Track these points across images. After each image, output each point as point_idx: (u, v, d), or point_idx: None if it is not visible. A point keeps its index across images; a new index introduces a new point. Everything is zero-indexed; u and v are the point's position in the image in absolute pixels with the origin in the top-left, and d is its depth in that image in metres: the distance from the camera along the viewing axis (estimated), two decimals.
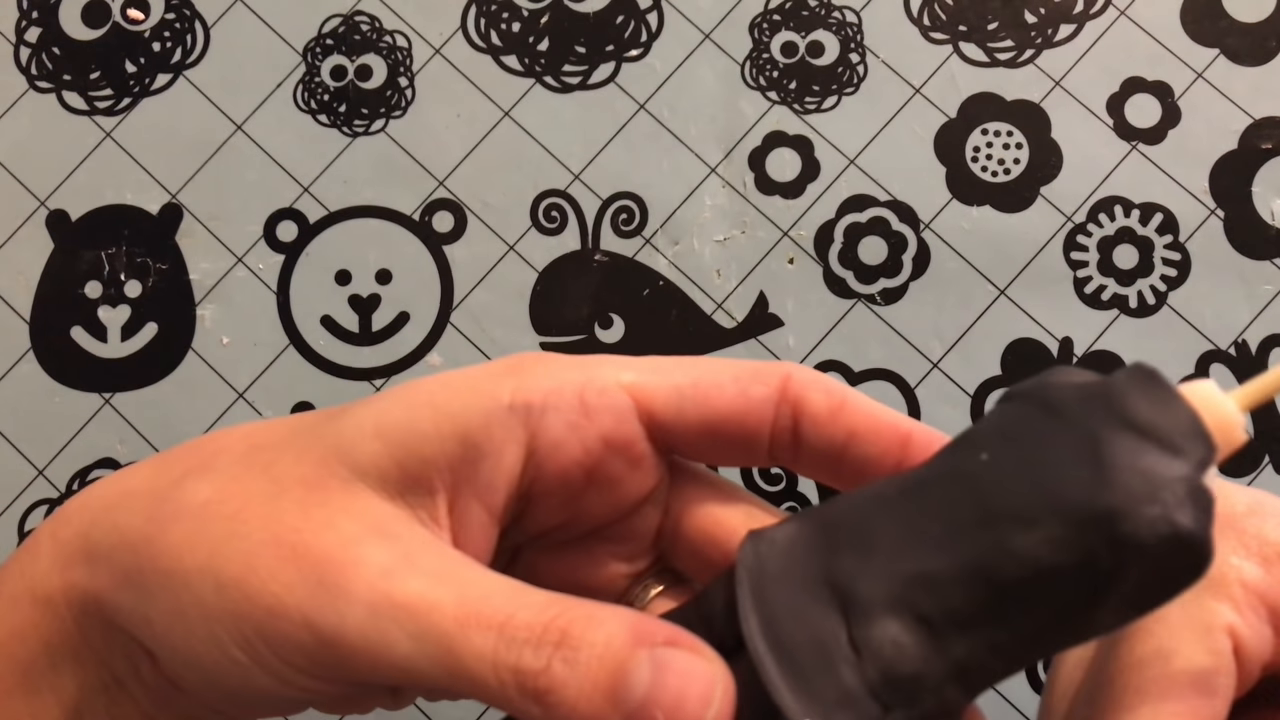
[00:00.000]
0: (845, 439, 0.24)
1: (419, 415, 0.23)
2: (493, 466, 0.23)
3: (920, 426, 0.24)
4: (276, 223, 0.47)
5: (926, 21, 0.47)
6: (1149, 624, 0.23)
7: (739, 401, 0.24)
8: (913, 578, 0.20)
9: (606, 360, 0.24)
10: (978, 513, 0.19)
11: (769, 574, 0.21)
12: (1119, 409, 0.19)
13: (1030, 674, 0.42)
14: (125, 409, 0.45)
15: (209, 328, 0.46)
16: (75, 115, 0.48)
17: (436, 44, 0.48)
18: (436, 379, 0.24)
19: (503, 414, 0.23)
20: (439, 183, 0.47)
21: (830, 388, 0.24)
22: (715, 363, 0.25)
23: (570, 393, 0.23)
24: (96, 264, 0.46)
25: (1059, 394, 0.20)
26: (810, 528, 0.22)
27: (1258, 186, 0.45)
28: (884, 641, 0.20)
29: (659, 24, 0.48)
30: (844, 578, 0.20)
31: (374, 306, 0.46)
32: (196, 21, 0.48)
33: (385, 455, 0.22)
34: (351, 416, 0.23)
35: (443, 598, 0.21)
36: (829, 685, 0.20)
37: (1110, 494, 0.18)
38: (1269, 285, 0.45)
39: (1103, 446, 0.19)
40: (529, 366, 0.24)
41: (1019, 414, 0.21)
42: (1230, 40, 0.46)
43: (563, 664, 0.20)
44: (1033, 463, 0.19)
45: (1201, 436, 0.19)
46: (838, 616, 0.20)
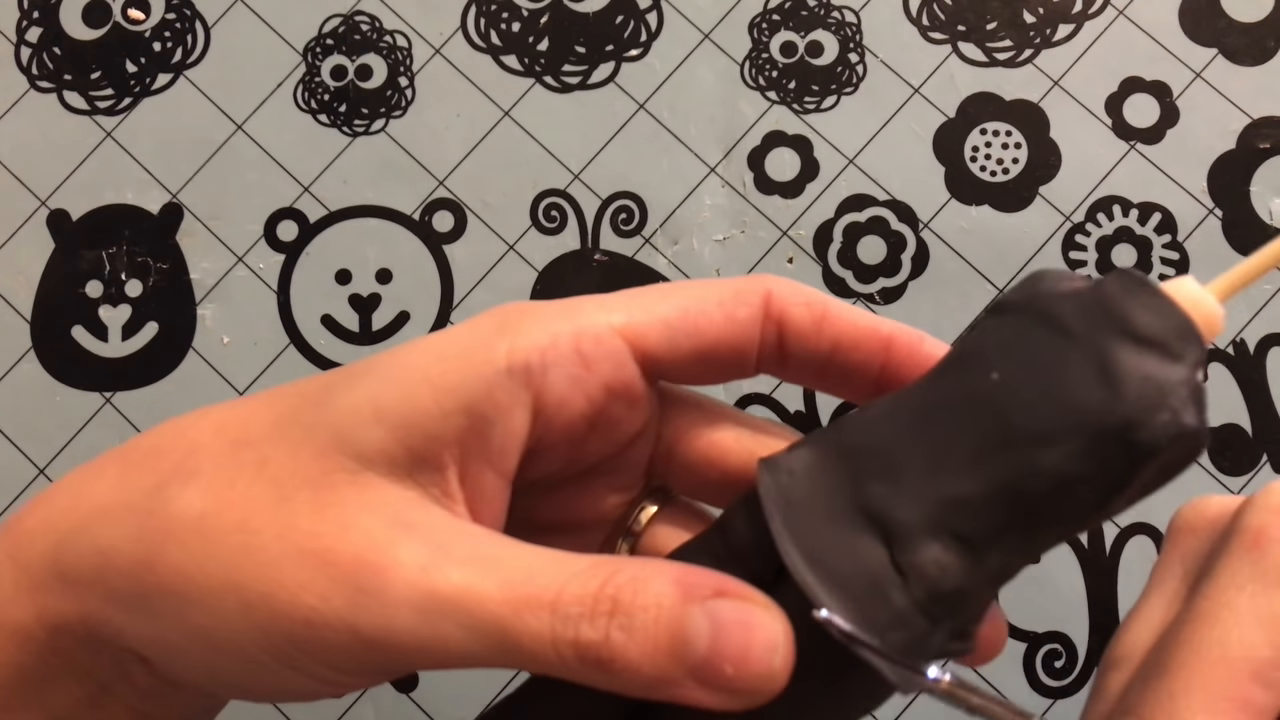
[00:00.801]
0: (829, 349, 0.24)
1: (418, 393, 0.22)
2: (501, 433, 0.22)
3: (900, 329, 0.25)
4: (277, 222, 0.47)
5: (925, 21, 0.47)
6: (1214, 610, 0.23)
7: (727, 327, 0.24)
8: (947, 501, 0.21)
9: (590, 303, 0.24)
10: (999, 434, 0.20)
11: (797, 505, 0.22)
12: (1120, 320, 0.20)
13: (1030, 674, 0.43)
14: (126, 408, 0.45)
15: (209, 327, 0.46)
16: (76, 115, 0.48)
17: (436, 44, 0.48)
18: (424, 348, 0.23)
19: (504, 379, 0.22)
20: (439, 182, 0.47)
21: (810, 299, 0.24)
22: (695, 287, 0.24)
23: (566, 346, 0.23)
24: (97, 263, 0.46)
25: (1057, 306, 0.21)
26: (827, 455, 0.22)
27: (1256, 186, 0.45)
28: (927, 563, 0.21)
29: (658, 24, 0.48)
30: (879, 506, 0.21)
31: (374, 306, 0.46)
32: (197, 21, 0.48)
33: (390, 440, 0.22)
34: (343, 400, 0.22)
35: (488, 584, 0.20)
36: (880, 609, 0.21)
37: (1124, 406, 0.20)
38: (1267, 285, 0.45)
39: (1110, 360, 0.20)
40: (516, 321, 0.23)
41: (1021, 329, 0.21)
42: (1229, 40, 0.46)
43: (620, 631, 0.20)
44: (1045, 381, 0.20)
45: (1195, 338, 0.20)
46: (878, 544, 0.21)
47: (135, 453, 0.24)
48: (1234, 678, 0.22)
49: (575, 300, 0.24)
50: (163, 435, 0.24)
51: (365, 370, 0.23)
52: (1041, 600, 0.43)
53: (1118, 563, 0.43)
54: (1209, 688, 0.22)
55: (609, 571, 0.21)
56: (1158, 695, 0.23)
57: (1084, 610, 0.43)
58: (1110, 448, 0.20)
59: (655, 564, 0.21)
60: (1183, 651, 0.23)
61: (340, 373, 0.23)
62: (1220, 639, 0.23)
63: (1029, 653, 0.43)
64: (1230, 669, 0.22)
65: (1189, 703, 0.22)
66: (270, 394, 0.24)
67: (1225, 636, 0.23)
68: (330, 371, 0.24)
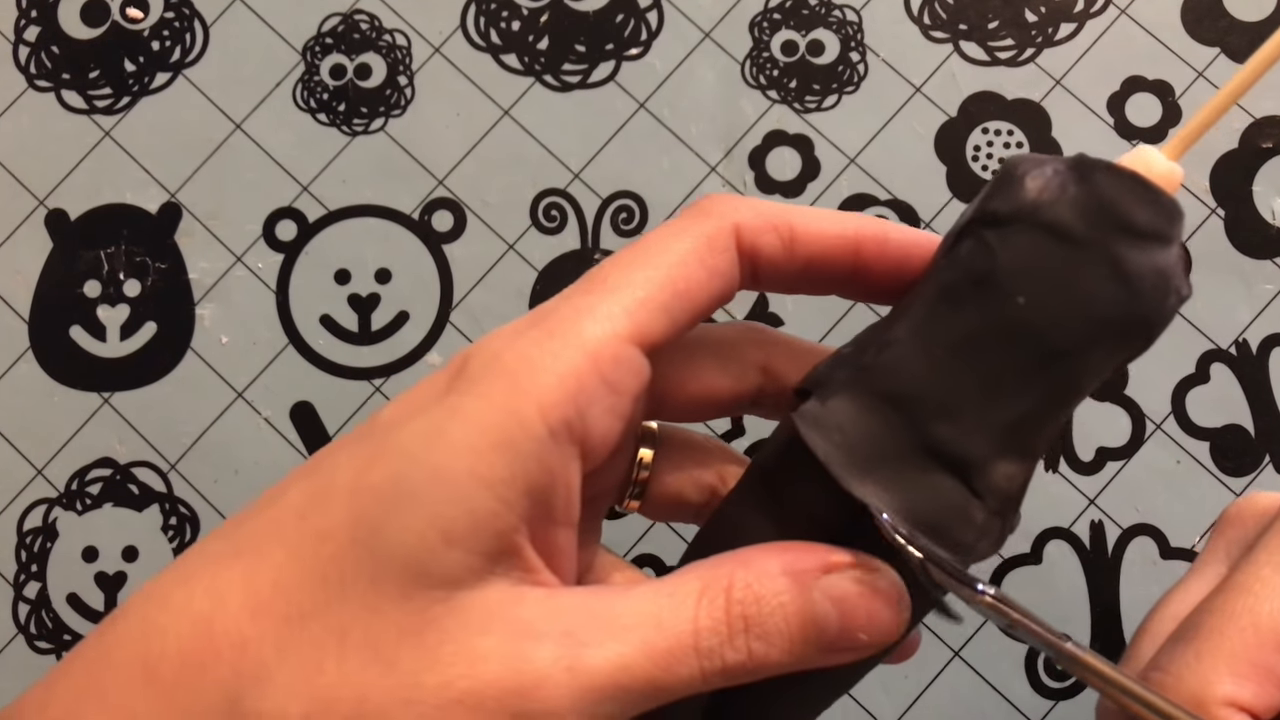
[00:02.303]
0: (802, 268, 0.24)
1: (477, 499, 0.20)
2: (562, 494, 0.21)
3: (865, 229, 0.24)
4: (276, 222, 0.46)
5: (927, 20, 0.47)
6: (1249, 581, 0.23)
7: (712, 282, 0.23)
8: (1009, 426, 0.22)
9: (585, 315, 0.22)
10: (1040, 353, 0.22)
11: (862, 459, 0.23)
12: (1121, 220, 0.22)
13: (1031, 674, 0.42)
14: (124, 408, 0.45)
15: (208, 327, 0.46)
16: (74, 114, 0.48)
17: (436, 43, 0.48)
18: (453, 442, 0.20)
19: (550, 446, 0.21)
20: (438, 182, 0.47)
21: (776, 222, 0.24)
22: (665, 249, 0.23)
23: (592, 382, 0.21)
24: (95, 263, 0.46)
25: (1059, 215, 0.22)
26: (872, 406, 0.23)
27: (1258, 185, 0.45)
28: (1000, 479, 0.23)
29: (659, 23, 0.47)
30: (948, 447, 0.22)
31: (373, 306, 0.46)
32: (195, 20, 0.48)
33: (467, 556, 0.20)
34: (400, 535, 0.20)
35: (630, 653, 0.21)
36: (966, 530, 0.23)
37: (1143, 304, 0.22)
38: (1269, 284, 0.45)
39: (1121, 262, 0.21)
40: (526, 368, 0.21)
41: (1031, 245, 0.22)
42: (1231, 39, 0.46)
43: (758, 642, 0.21)
44: (1068, 295, 0.22)
45: (1180, 216, 0.22)
46: (953, 478, 0.22)
47: (159, 669, 0.20)
48: (1261, 646, 0.23)
49: (567, 315, 0.22)
50: (179, 637, 0.20)
51: (398, 485, 0.20)
52: (1042, 601, 0.43)
53: (1120, 563, 0.43)
54: (1236, 652, 0.23)
55: (723, 588, 0.21)
56: (1185, 655, 0.23)
57: (1085, 610, 0.43)
58: (1136, 339, 0.22)
59: (755, 559, 0.22)
60: (1215, 617, 0.23)
61: (369, 498, 0.21)
62: (1252, 608, 0.23)
63: (1030, 654, 0.43)
64: (1259, 637, 0.23)
65: (1214, 663, 0.23)
66: (281, 546, 0.21)
67: (1257, 606, 0.23)
68: (348, 493, 0.21)
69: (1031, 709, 0.42)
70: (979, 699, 0.42)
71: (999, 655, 0.43)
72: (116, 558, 0.44)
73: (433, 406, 0.21)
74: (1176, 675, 0.23)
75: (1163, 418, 0.44)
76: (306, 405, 0.45)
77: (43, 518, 0.45)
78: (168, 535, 0.44)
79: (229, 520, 0.22)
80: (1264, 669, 0.22)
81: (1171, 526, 0.43)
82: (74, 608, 0.44)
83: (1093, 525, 0.43)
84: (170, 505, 0.45)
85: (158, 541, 0.44)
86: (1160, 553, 0.43)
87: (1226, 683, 0.22)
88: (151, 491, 0.45)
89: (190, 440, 0.45)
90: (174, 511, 0.45)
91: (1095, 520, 0.43)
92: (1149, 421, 0.44)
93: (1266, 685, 0.22)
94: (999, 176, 0.23)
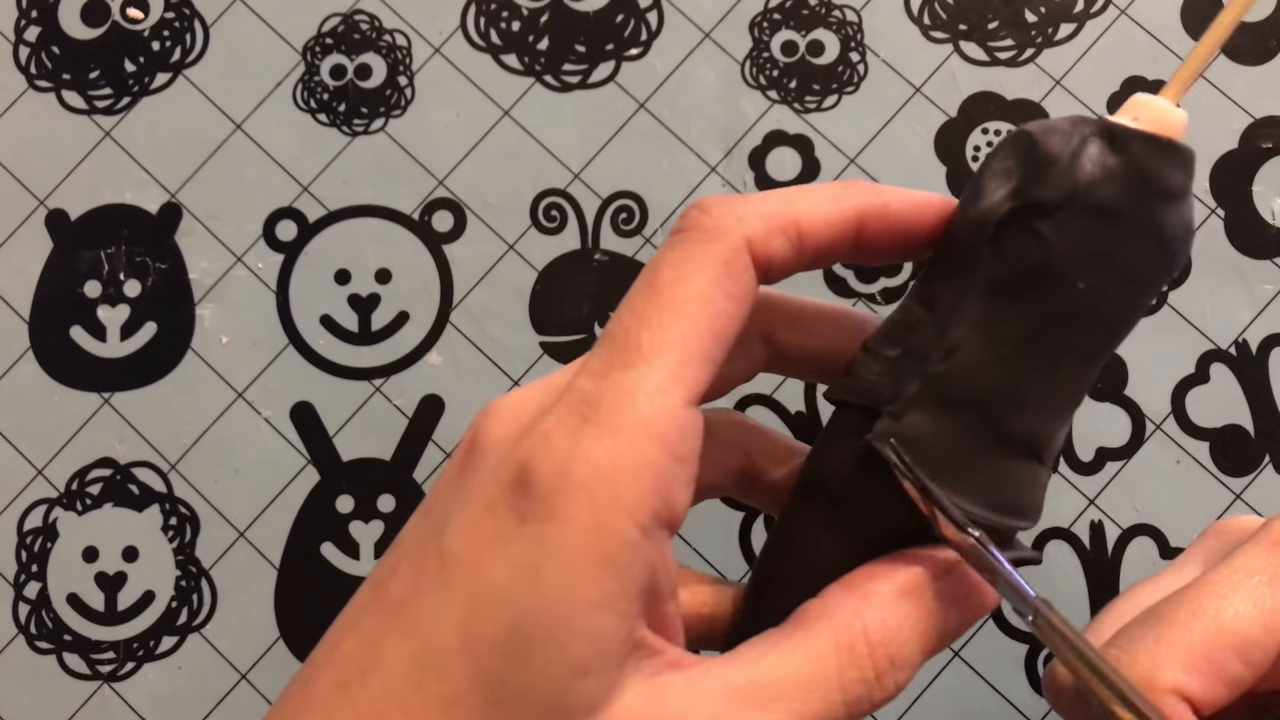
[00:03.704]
0: (810, 261, 0.24)
1: (595, 624, 0.20)
2: (665, 578, 0.21)
3: (865, 201, 0.24)
4: (276, 222, 0.46)
5: (927, 20, 0.47)
6: (1220, 584, 0.24)
7: (740, 310, 0.23)
8: (1067, 396, 0.24)
9: (638, 395, 0.21)
10: (1100, 329, 0.23)
11: (946, 469, 0.23)
12: (1158, 188, 0.22)
13: (1032, 675, 0.42)
14: (124, 408, 0.45)
15: (208, 327, 0.46)
16: (74, 114, 0.48)
17: (436, 43, 0.48)
18: (552, 575, 0.20)
19: (647, 545, 0.20)
20: (438, 182, 0.47)
21: (784, 225, 0.23)
22: (690, 288, 0.22)
23: (668, 467, 0.21)
24: (96, 263, 0.46)
25: (1104, 195, 0.22)
26: (949, 413, 0.23)
27: (1258, 186, 0.45)
28: (1059, 441, 0.24)
29: (659, 23, 0.47)
30: (1024, 435, 0.23)
31: (373, 306, 0.46)
32: (196, 20, 0.48)
33: (601, 679, 0.20)
34: (530, 679, 0.20)
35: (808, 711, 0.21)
36: (1039, 494, 0.24)
37: (1180, 259, 0.23)
38: (1269, 285, 0.44)
39: (1162, 228, 0.22)
40: (595, 481, 0.20)
41: (1084, 229, 0.22)
42: (1231, 39, 0.46)
43: (903, 672, 0.22)
44: (1122, 269, 0.23)
45: (1192, 164, 0.23)
46: (1026, 460, 0.24)
47: None
48: (1219, 644, 0.23)
49: (618, 401, 0.21)
50: None
51: (514, 635, 0.20)
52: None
53: (1119, 563, 0.43)
54: (1194, 645, 0.23)
55: (859, 633, 0.22)
56: (1145, 639, 0.24)
57: (1085, 611, 0.43)
58: (1166, 283, 0.25)
59: (872, 590, 0.23)
60: (1181, 610, 0.24)
61: (486, 653, 0.20)
62: (1218, 608, 0.24)
63: (1030, 654, 0.43)
64: (1219, 636, 0.23)
65: (1171, 651, 0.23)
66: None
67: (1223, 607, 0.24)
68: (461, 653, 0.20)
69: (1031, 709, 0.42)
70: (979, 699, 0.42)
71: (999, 655, 0.43)
72: (116, 558, 0.44)
73: (515, 538, 0.20)
74: (1132, 656, 0.23)
75: (1163, 418, 0.44)
76: (306, 405, 0.45)
77: (43, 518, 0.45)
78: (168, 535, 0.44)
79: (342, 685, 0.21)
80: (1216, 666, 0.23)
81: (1171, 526, 0.43)
82: (74, 608, 0.44)
83: (1093, 525, 0.43)
84: (170, 505, 0.45)
85: (158, 541, 0.44)
86: (1160, 553, 0.43)
87: (1178, 671, 0.23)
88: (151, 491, 0.45)
89: (190, 440, 0.45)
90: (174, 511, 0.45)
91: (1095, 520, 0.43)
92: (1149, 422, 0.44)
93: (1215, 682, 0.23)
94: (1028, 154, 0.23)
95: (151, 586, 0.44)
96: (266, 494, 0.45)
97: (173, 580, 0.44)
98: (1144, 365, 0.44)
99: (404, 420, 0.45)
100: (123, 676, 0.44)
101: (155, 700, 0.43)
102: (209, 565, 0.44)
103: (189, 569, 0.44)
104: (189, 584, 0.44)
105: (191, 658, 0.44)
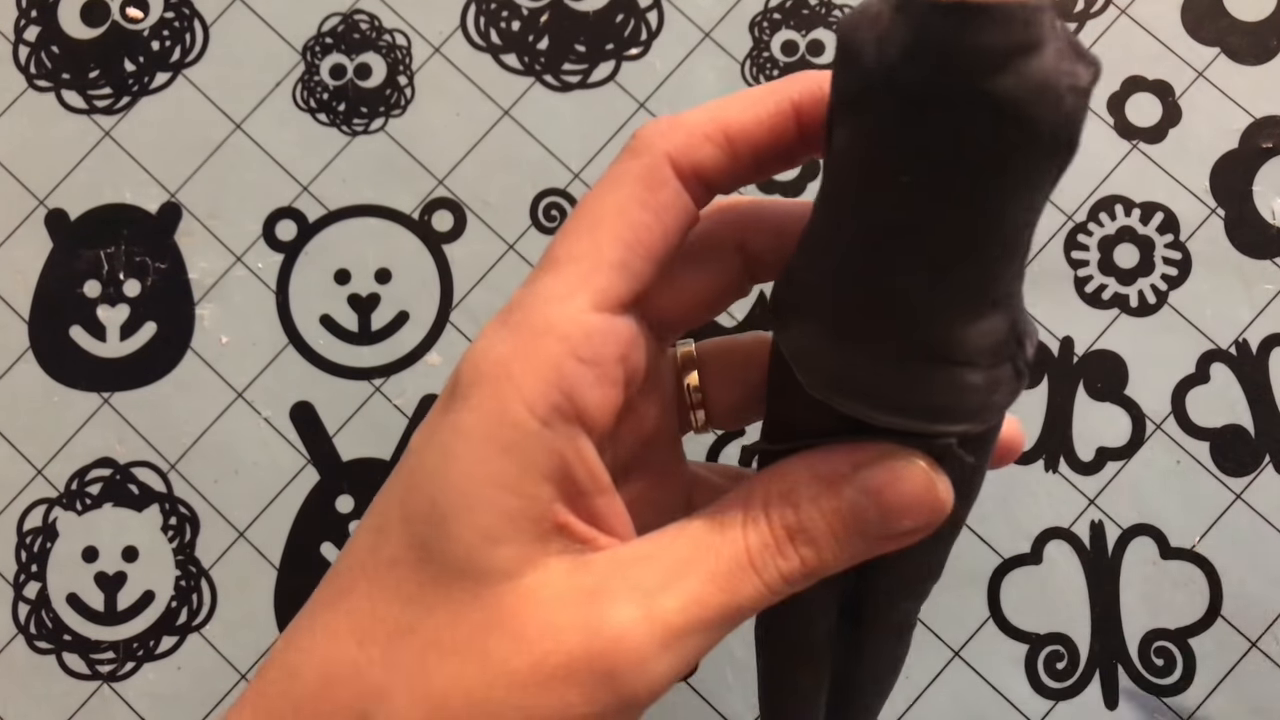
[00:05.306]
0: (752, 161, 0.24)
1: (501, 501, 0.22)
2: (581, 470, 0.23)
3: (799, 89, 0.23)
4: (275, 222, 0.46)
5: None
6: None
7: (664, 222, 0.23)
8: (965, 292, 0.21)
9: (546, 300, 0.23)
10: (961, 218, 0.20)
11: (848, 378, 0.22)
12: (971, 59, 0.18)
13: (1032, 675, 0.42)
14: (124, 408, 0.45)
15: (208, 327, 0.46)
16: (74, 114, 0.48)
17: (436, 43, 0.48)
18: (463, 456, 0.22)
19: (549, 435, 0.22)
20: (438, 182, 0.47)
21: (709, 132, 0.23)
22: (605, 203, 0.23)
23: (568, 365, 0.22)
24: (95, 263, 0.46)
25: (906, 79, 0.19)
26: (836, 328, 0.22)
27: (1258, 185, 0.45)
28: (981, 340, 0.22)
29: (659, 23, 0.47)
30: (919, 342, 0.21)
31: (373, 306, 0.46)
32: (195, 20, 0.48)
33: (516, 549, 0.22)
34: (449, 544, 0.22)
35: (698, 591, 0.22)
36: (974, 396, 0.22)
37: (1037, 125, 0.19)
38: (1269, 284, 0.44)
39: (996, 97, 0.18)
40: (499, 374, 0.22)
41: (896, 120, 0.19)
42: (1231, 39, 0.46)
43: (807, 547, 0.23)
44: (960, 153, 0.19)
45: (1028, 10, 0.18)
46: (935, 366, 0.22)
47: (302, 706, 0.23)
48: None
49: (530, 304, 0.23)
50: (309, 674, 0.23)
51: (434, 507, 0.22)
52: (1043, 601, 0.43)
53: (1119, 563, 0.43)
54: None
55: (761, 503, 0.23)
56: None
57: (1085, 610, 0.43)
58: (1052, 156, 0.19)
59: (786, 473, 0.23)
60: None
61: (416, 524, 0.23)
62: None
63: (1030, 654, 0.43)
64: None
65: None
66: (364, 579, 0.23)
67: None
68: (400, 522, 0.23)
69: (1031, 709, 0.42)
70: (979, 699, 0.42)
71: (999, 655, 0.43)
72: (116, 558, 0.44)
73: (440, 426, 0.23)
74: None
75: (1163, 418, 0.44)
76: (306, 405, 0.45)
77: (43, 518, 0.45)
78: (168, 535, 0.44)
79: (330, 570, 0.24)
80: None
81: (1171, 526, 0.43)
82: (74, 608, 0.44)
83: (1093, 525, 0.43)
84: (170, 505, 0.45)
85: (158, 541, 0.44)
86: (1160, 553, 0.43)
87: None
88: (151, 491, 0.45)
89: (190, 440, 0.45)
90: (174, 511, 0.45)
91: (1095, 520, 0.43)
92: (1149, 421, 0.44)
93: None
94: (839, 45, 0.20)
95: (151, 586, 0.44)
96: (266, 494, 0.45)
97: (173, 580, 0.44)
98: (1144, 365, 0.44)
99: (404, 420, 0.45)
100: (122, 676, 0.44)
101: (155, 700, 0.43)
102: (209, 565, 0.44)
103: (189, 569, 0.44)
104: (189, 584, 0.44)
105: (191, 658, 0.44)
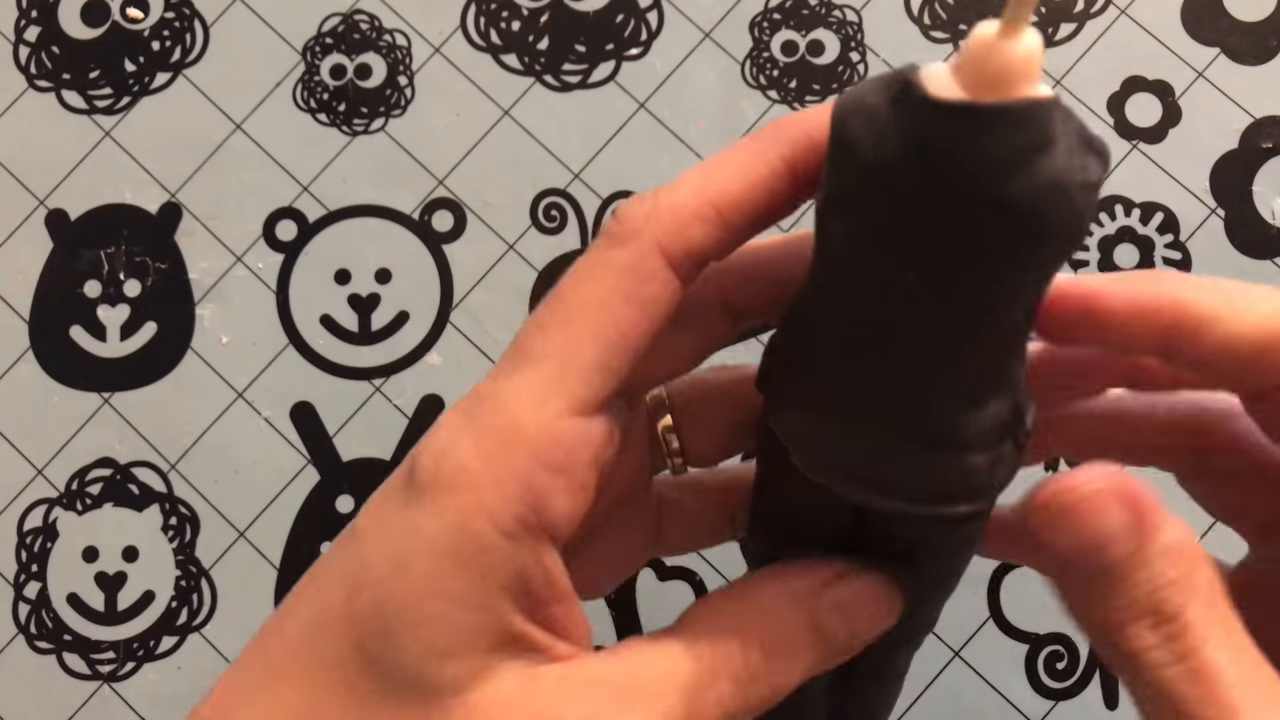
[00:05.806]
0: (747, 230, 0.23)
1: (454, 616, 0.21)
2: (540, 580, 0.21)
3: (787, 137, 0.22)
4: (276, 222, 0.46)
5: (927, 20, 0.47)
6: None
7: (650, 316, 0.22)
8: (969, 381, 0.20)
9: (516, 402, 0.21)
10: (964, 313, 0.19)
11: (832, 457, 0.22)
12: (971, 164, 0.17)
13: (1032, 675, 0.42)
14: (124, 408, 0.45)
15: (208, 327, 0.46)
16: (74, 114, 0.48)
17: (436, 43, 0.48)
18: (416, 564, 0.21)
19: (511, 548, 0.21)
20: (438, 182, 0.47)
21: (697, 210, 0.21)
22: (587, 297, 0.21)
23: (537, 476, 0.21)
24: (95, 263, 0.46)
25: (906, 181, 0.18)
26: (835, 414, 0.21)
27: (1258, 186, 0.45)
28: (984, 425, 0.21)
29: (659, 23, 0.47)
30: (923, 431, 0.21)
31: (373, 306, 0.46)
32: (196, 20, 0.48)
33: (466, 663, 0.21)
34: (397, 654, 0.21)
35: (672, 707, 0.21)
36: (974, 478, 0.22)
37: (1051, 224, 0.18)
38: (1269, 285, 0.44)
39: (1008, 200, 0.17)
40: (462, 481, 0.21)
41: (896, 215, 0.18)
42: (1231, 39, 0.46)
43: (780, 675, 0.22)
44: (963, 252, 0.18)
45: (1040, 110, 0.17)
46: (942, 453, 0.21)
47: None
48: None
49: (498, 405, 0.21)
50: None
51: (381, 613, 0.21)
52: (1043, 601, 0.43)
53: None
54: None
55: (735, 634, 0.22)
56: None
57: None
58: (1060, 250, 0.19)
59: (755, 594, 0.23)
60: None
61: (361, 627, 0.21)
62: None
63: (1031, 654, 0.42)
64: None
65: None
66: (300, 673, 0.22)
67: None
68: (342, 620, 0.21)
69: (1031, 709, 0.42)
70: (979, 699, 0.42)
71: (999, 655, 0.43)
72: (116, 558, 0.44)
73: (394, 524, 0.21)
74: None
75: None
76: (306, 405, 0.45)
77: (43, 518, 0.45)
78: (168, 535, 0.44)
79: (256, 640, 0.23)
80: None
81: None
82: (74, 608, 0.44)
83: None
84: (170, 505, 0.45)
85: (158, 541, 0.44)
86: None
87: None
88: (151, 491, 0.45)
89: (190, 440, 0.45)
90: (174, 511, 0.45)
91: None
92: None
93: None
94: (833, 135, 0.19)
95: (151, 586, 0.44)
96: (266, 494, 0.45)
97: (173, 580, 0.44)
98: None
99: (404, 420, 0.45)
100: (123, 676, 0.44)
101: (155, 700, 0.43)
102: (209, 565, 0.44)
103: (189, 569, 0.44)
104: (189, 584, 0.44)
105: (191, 658, 0.44)
